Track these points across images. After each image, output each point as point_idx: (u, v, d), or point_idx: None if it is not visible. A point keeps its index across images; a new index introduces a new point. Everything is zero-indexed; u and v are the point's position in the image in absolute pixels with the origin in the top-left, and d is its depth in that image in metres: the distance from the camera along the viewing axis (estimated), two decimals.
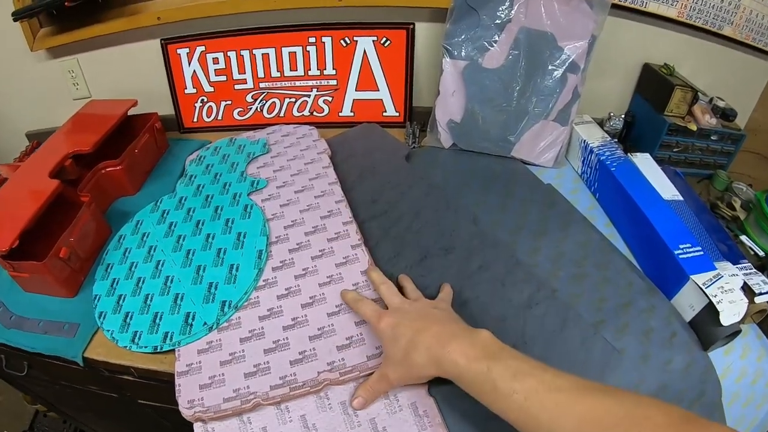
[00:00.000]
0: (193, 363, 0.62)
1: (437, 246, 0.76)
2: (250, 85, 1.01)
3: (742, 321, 0.63)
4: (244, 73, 1.00)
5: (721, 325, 0.62)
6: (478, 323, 0.57)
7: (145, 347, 0.66)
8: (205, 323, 0.66)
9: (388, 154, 0.92)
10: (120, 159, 0.89)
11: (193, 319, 0.67)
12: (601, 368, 0.61)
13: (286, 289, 0.70)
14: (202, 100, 1.05)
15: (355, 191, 0.85)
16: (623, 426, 0.40)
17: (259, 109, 1.04)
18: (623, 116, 0.95)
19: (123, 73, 1.08)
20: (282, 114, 1.04)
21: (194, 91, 1.04)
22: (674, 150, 0.94)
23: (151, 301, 0.70)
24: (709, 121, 0.90)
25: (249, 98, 1.03)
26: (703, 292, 0.63)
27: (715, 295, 0.62)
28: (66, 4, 0.86)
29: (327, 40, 0.96)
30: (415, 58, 0.97)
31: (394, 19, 0.93)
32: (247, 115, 1.05)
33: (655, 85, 0.95)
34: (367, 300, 0.64)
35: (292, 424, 0.57)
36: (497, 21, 0.86)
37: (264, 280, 0.71)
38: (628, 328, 0.65)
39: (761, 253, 0.79)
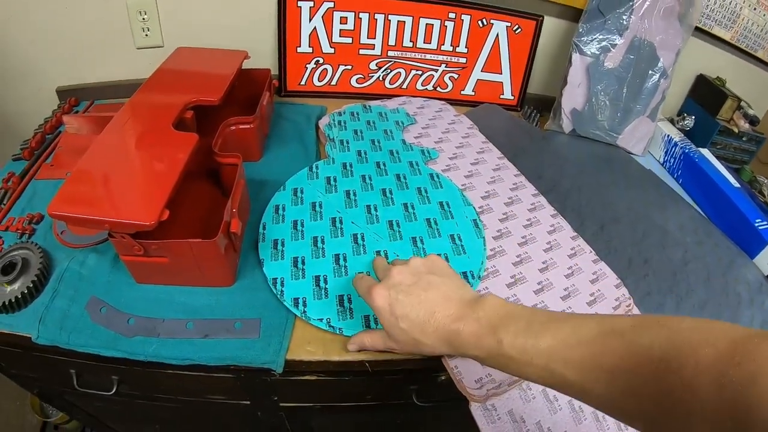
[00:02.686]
0: None
1: (608, 217, 0.84)
2: (377, 51, 0.94)
3: None
4: (374, 38, 0.93)
5: None
6: (661, 276, 0.75)
7: None
8: None
9: (526, 136, 0.97)
10: (253, 117, 0.76)
11: None
12: (737, 306, 0.77)
13: (517, 257, 0.69)
14: (317, 61, 0.94)
15: (518, 167, 0.87)
16: (673, 356, 0.32)
17: (381, 78, 0.97)
18: (694, 117, 1.15)
19: (216, 19, 0.90)
20: (405, 86, 0.99)
21: (309, 50, 0.92)
22: (718, 147, 1.16)
23: None
24: (744, 125, 1.14)
25: (373, 65, 0.96)
26: None
27: None
28: None
29: (466, 18, 0.95)
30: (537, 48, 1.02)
31: (528, 9, 0.97)
32: (366, 83, 0.97)
33: (708, 93, 1.16)
34: (363, 276, 0.58)
35: None
36: (619, 27, 0.98)
37: (491, 249, 0.69)
38: (737, 280, 0.82)
39: None
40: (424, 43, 0.96)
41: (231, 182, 0.63)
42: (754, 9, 1.13)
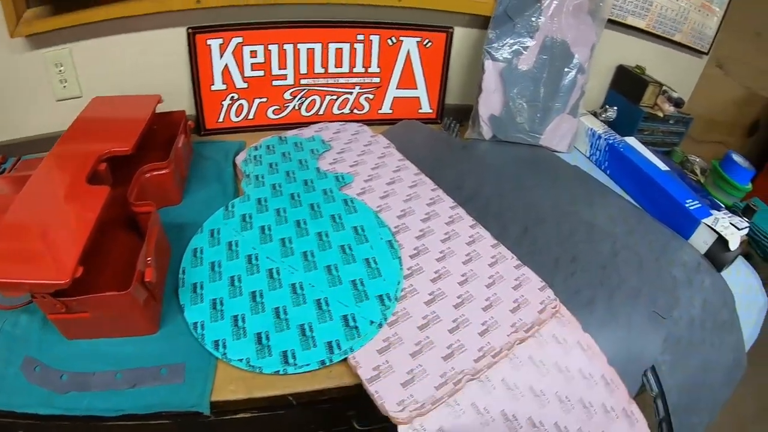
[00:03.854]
0: (380, 364, 0.58)
1: (531, 219, 0.85)
2: (290, 81, 0.95)
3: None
4: (285, 68, 0.94)
5: (730, 251, 0.83)
6: (590, 271, 0.76)
7: (308, 365, 0.59)
8: (371, 322, 0.62)
9: (445, 147, 0.98)
10: (167, 161, 0.76)
11: (354, 320, 0.62)
12: (672, 290, 0.78)
13: (435, 273, 0.69)
14: (232, 97, 0.94)
15: (436, 181, 0.87)
16: None
17: (297, 107, 0.98)
18: (616, 108, 1.17)
19: (131, 64, 0.91)
20: (321, 112, 1.00)
21: (224, 87, 0.93)
22: (645, 133, 1.18)
23: (286, 314, 0.63)
24: (669, 108, 1.16)
25: (288, 95, 0.96)
26: (713, 230, 0.84)
27: (722, 230, 0.83)
28: None
29: (375, 39, 0.96)
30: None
31: (436, 22, 0.99)
32: (283, 114, 0.98)
33: (630, 82, 1.19)
34: None
35: (496, 391, 0.59)
36: (529, 29, 0.99)
37: (408, 268, 0.70)
38: (673, 262, 0.83)
39: (722, 206, 1.05)
40: (335, 67, 0.97)
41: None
42: None
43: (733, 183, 1.10)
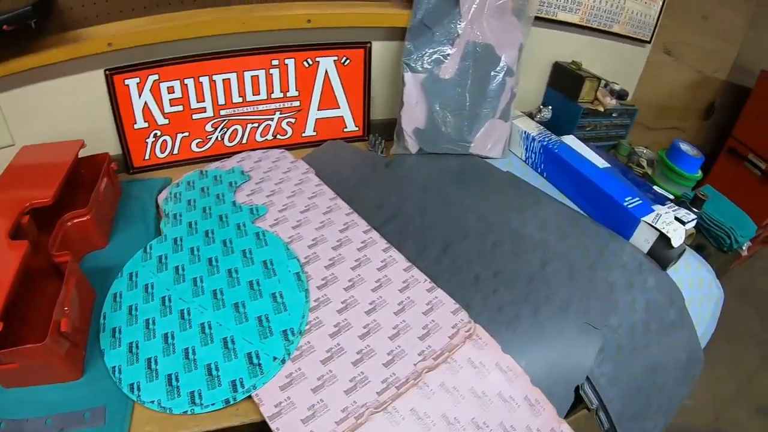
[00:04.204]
0: (281, 401, 0.60)
1: (453, 235, 0.85)
2: (209, 113, 0.96)
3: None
4: (203, 101, 0.95)
5: (673, 248, 0.82)
6: (514, 287, 0.72)
7: (213, 404, 0.61)
8: (275, 358, 0.64)
9: (369, 166, 0.98)
10: (87, 208, 0.78)
11: (258, 357, 0.64)
12: (609, 296, 0.76)
13: (342, 303, 0.71)
14: (155, 134, 0.95)
15: (356, 202, 0.88)
16: None
17: (219, 138, 0.99)
18: (550, 107, 1.16)
19: (55, 112, 0.92)
20: (244, 141, 1.01)
21: (145, 125, 0.94)
22: (587, 129, 1.18)
23: (194, 354, 0.65)
24: (610, 102, 1.16)
25: (209, 127, 0.97)
26: (654, 227, 0.83)
27: (664, 228, 0.82)
28: (5, 27, 0.70)
29: (290, 62, 0.96)
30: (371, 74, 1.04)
31: (352, 39, 0.99)
32: (206, 146, 0.99)
33: (566, 78, 1.18)
34: None
35: (405, 421, 0.60)
36: (448, 36, 0.98)
37: (315, 300, 0.71)
38: (611, 266, 0.82)
39: (671, 197, 1.03)
40: (253, 95, 0.97)
41: None
42: None
43: (681, 172, 1.08)
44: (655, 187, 1.05)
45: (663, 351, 0.77)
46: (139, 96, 0.92)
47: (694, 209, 0.95)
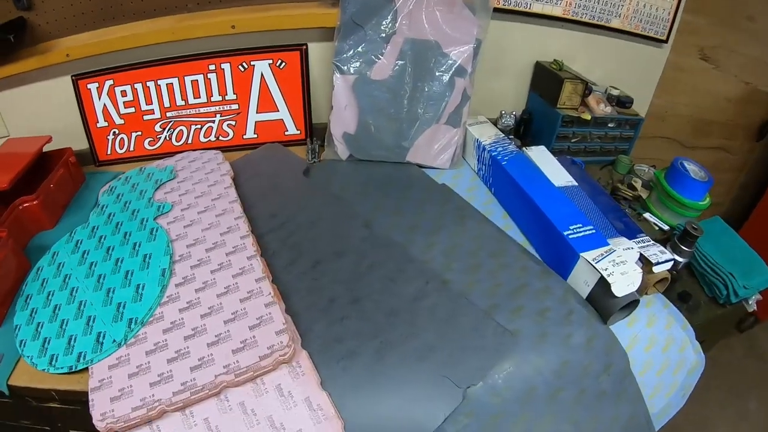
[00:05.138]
0: (104, 378, 0.68)
1: (330, 251, 0.84)
2: (157, 115, 1.08)
3: (644, 291, 0.66)
4: (152, 103, 1.07)
5: (616, 297, 0.65)
6: (369, 318, 0.64)
7: (61, 368, 0.72)
8: (114, 340, 0.73)
9: (289, 171, 1.01)
10: (36, 194, 0.95)
11: (103, 337, 0.73)
12: (496, 350, 0.65)
13: (187, 303, 0.77)
14: (114, 132, 1.10)
15: (256, 208, 0.92)
16: None
17: (168, 138, 1.10)
18: (514, 113, 1.05)
19: (38, 111, 1.12)
20: (190, 141, 1.11)
21: (106, 124, 1.09)
22: (572, 140, 1.02)
23: (66, 325, 0.77)
24: (604, 109, 0.99)
25: (158, 128, 1.09)
26: (594, 267, 0.67)
27: (606, 269, 0.66)
28: None
29: (226, 67, 1.03)
30: (311, 76, 1.05)
31: (287, 41, 1.01)
32: (157, 145, 1.11)
33: (546, 80, 1.04)
34: None
35: (197, 428, 0.63)
36: (382, 35, 0.93)
37: (168, 296, 0.78)
38: (522, 310, 0.69)
39: (665, 227, 0.86)
40: (194, 98, 1.06)
41: None
42: None
43: (678, 198, 0.88)
44: (647, 215, 0.88)
45: (581, 428, 0.63)
46: (99, 98, 1.06)
47: (684, 247, 0.78)
